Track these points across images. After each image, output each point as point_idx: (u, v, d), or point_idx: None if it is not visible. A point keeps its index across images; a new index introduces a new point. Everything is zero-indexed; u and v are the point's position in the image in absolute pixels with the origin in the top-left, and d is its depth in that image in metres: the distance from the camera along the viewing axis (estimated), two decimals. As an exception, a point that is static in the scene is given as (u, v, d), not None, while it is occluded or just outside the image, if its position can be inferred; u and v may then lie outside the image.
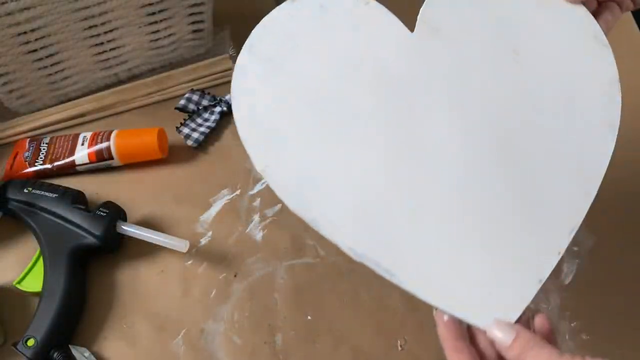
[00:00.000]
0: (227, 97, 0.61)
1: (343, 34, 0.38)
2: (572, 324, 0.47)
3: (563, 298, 0.48)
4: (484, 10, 0.39)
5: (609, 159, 0.35)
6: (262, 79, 0.37)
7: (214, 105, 0.61)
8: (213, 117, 0.60)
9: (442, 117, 0.36)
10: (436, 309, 0.32)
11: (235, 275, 0.50)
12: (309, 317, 0.48)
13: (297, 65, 0.37)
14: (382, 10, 0.38)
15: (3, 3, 0.50)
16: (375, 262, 0.33)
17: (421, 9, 0.38)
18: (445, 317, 0.32)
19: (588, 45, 0.38)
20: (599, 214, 0.52)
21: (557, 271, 0.50)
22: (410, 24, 0.38)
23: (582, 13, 0.38)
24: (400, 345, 0.46)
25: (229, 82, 0.64)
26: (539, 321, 0.32)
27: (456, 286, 0.33)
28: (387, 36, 0.38)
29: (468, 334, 0.32)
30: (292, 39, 0.38)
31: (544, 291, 0.48)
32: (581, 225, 0.52)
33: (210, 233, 0.53)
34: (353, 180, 0.35)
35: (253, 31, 0.38)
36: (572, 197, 0.35)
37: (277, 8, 0.38)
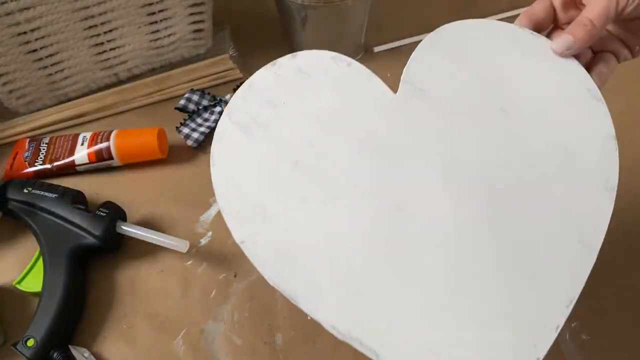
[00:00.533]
0: (227, 97, 0.61)
1: (325, 96, 0.36)
2: (573, 324, 0.47)
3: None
4: (469, 69, 0.37)
5: (608, 222, 0.33)
6: (241, 146, 0.35)
7: (214, 105, 0.61)
8: (213, 117, 0.60)
9: (430, 182, 0.34)
10: None
11: (235, 275, 0.50)
12: (309, 317, 0.48)
13: (278, 131, 0.36)
14: (365, 71, 0.37)
15: (3, 3, 0.50)
16: (359, 342, 0.31)
17: (404, 69, 0.37)
18: None
19: (580, 101, 0.35)
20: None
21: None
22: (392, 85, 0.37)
23: (574, 66, 0.36)
24: None
25: (229, 82, 0.65)
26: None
27: None
28: (371, 98, 0.36)
29: None
30: (273, 104, 0.36)
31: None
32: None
33: (210, 233, 0.53)
34: (336, 254, 0.33)
35: (233, 97, 0.37)
36: (570, 266, 0.32)
37: (258, 72, 0.37)
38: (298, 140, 0.35)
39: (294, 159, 0.35)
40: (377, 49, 0.68)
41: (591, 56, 0.38)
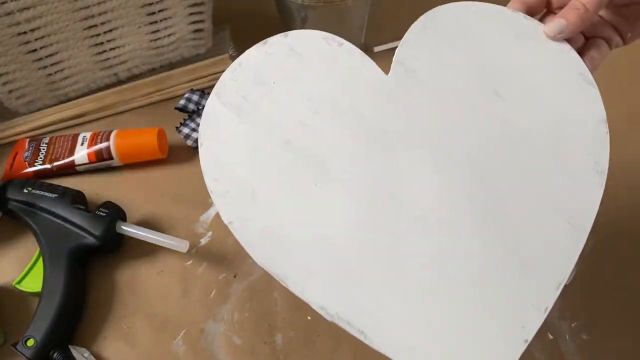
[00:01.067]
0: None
1: (316, 76, 0.36)
2: (573, 324, 0.47)
3: (563, 298, 0.48)
4: (461, 51, 0.36)
5: (597, 207, 0.33)
6: (230, 126, 0.35)
7: (214, 105, 0.61)
8: (213, 117, 0.60)
9: (420, 164, 0.34)
10: None
11: (235, 276, 0.50)
12: (309, 317, 0.48)
13: (268, 111, 0.35)
14: (356, 52, 0.37)
15: (3, 3, 0.50)
16: (347, 322, 0.31)
17: (397, 50, 0.36)
18: None
19: (572, 84, 0.35)
20: (599, 215, 0.52)
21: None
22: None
23: (566, 50, 0.36)
24: None
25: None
26: None
27: (434, 349, 0.30)
28: (362, 79, 0.36)
29: None
30: (263, 83, 0.36)
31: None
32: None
33: (210, 233, 0.53)
34: (325, 236, 0.32)
35: (222, 76, 0.36)
36: (559, 249, 0.32)
37: (248, 51, 0.37)
38: (288, 120, 0.35)
39: (284, 139, 0.34)
40: (377, 49, 0.68)
41: (583, 42, 0.38)
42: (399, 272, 0.32)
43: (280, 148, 0.34)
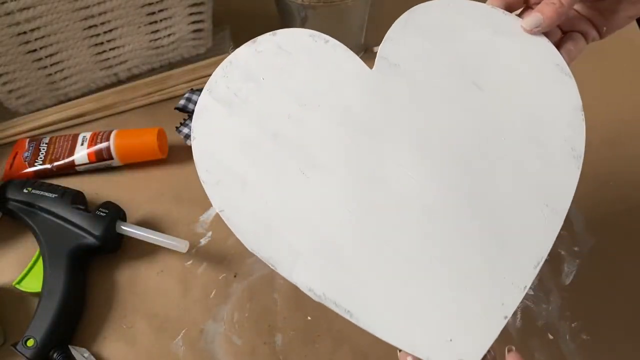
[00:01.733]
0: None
1: (304, 72, 0.38)
2: (573, 325, 0.47)
3: (563, 298, 0.48)
4: (442, 45, 0.38)
5: (574, 189, 0.34)
6: (222, 120, 0.37)
7: (214, 105, 0.61)
8: (213, 117, 0.60)
9: (405, 153, 0.35)
10: (400, 350, 0.32)
11: (235, 276, 0.50)
12: (309, 317, 0.48)
13: (257, 106, 0.37)
14: (342, 48, 0.38)
15: (3, 3, 0.50)
16: (334, 303, 0.32)
17: (380, 45, 0.38)
18: (409, 359, 0.31)
19: (549, 75, 0.37)
20: (599, 215, 0.53)
21: (557, 271, 0.50)
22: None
23: (543, 43, 0.38)
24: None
25: (229, 82, 0.65)
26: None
27: (418, 326, 0.32)
28: (348, 73, 0.38)
29: None
30: (252, 79, 0.38)
31: (544, 291, 0.49)
32: (582, 225, 0.52)
33: (210, 233, 0.53)
34: (313, 221, 0.34)
35: (213, 73, 0.38)
36: (537, 229, 0.34)
37: (239, 49, 0.39)
38: (277, 113, 0.37)
39: (273, 132, 0.36)
40: (377, 49, 0.67)
41: (560, 36, 0.40)
42: (383, 255, 0.33)
43: (269, 140, 0.36)
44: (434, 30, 0.38)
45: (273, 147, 0.36)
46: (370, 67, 0.38)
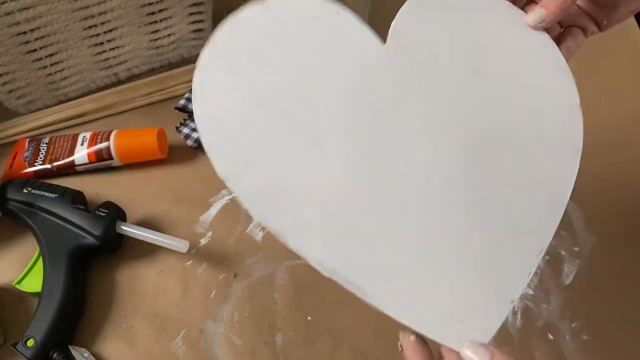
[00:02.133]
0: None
1: (313, 41, 0.37)
2: (573, 325, 0.47)
3: (564, 298, 0.48)
4: (453, 28, 0.38)
5: (574, 179, 0.35)
6: (225, 81, 0.35)
7: (214, 105, 0.61)
8: (213, 117, 0.60)
9: (413, 133, 0.35)
10: (404, 334, 0.32)
11: (235, 276, 0.50)
12: (309, 317, 0.48)
13: (264, 69, 0.35)
14: (353, 19, 0.37)
15: (3, 3, 0.50)
16: (345, 279, 0.31)
17: (393, 22, 0.38)
18: (412, 338, 0.32)
19: (549, 71, 0.38)
20: (600, 215, 0.53)
21: (557, 271, 0.50)
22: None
23: (544, 39, 0.38)
24: (401, 346, 0.46)
25: (229, 82, 0.65)
26: None
27: (427, 306, 0.32)
28: (358, 46, 0.37)
29: (437, 356, 0.32)
30: (259, 41, 0.36)
31: (544, 291, 0.48)
32: (582, 225, 0.52)
33: (210, 233, 0.53)
34: (321, 192, 0.33)
35: (219, 29, 0.36)
36: (539, 218, 0.35)
37: (246, 8, 0.36)
38: (283, 81, 0.35)
39: (278, 98, 0.35)
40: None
41: (559, 31, 0.40)
42: (394, 233, 0.33)
43: (274, 107, 0.34)
44: (443, 14, 0.38)
45: (280, 115, 0.34)
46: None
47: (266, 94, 0.35)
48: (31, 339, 0.44)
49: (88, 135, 0.57)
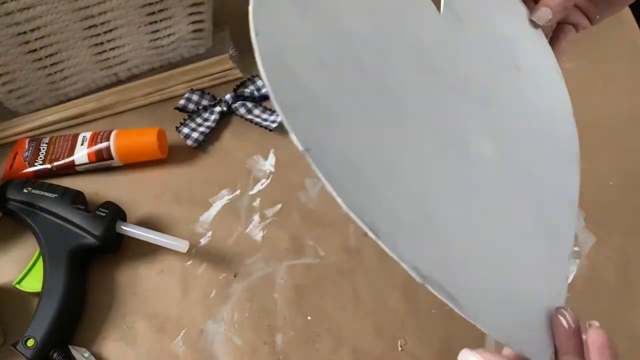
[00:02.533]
0: (227, 97, 0.61)
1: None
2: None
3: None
4: (492, 20, 0.38)
5: (578, 186, 0.37)
6: (293, 18, 0.27)
7: (214, 105, 0.61)
8: (213, 117, 0.60)
9: (478, 117, 0.34)
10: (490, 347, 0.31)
11: (235, 276, 0.50)
12: (309, 317, 0.48)
13: (335, 18, 0.28)
14: None
15: (3, 3, 0.50)
16: (439, 285, 0.25)
17: None
18: (472, 358, 0.28)
19: (545, 74, 0.38)
20: (599, 215, 0.52)
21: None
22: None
23: (541, 38, 0.39)
24: (401, 346, 0.46)
25: (229, 82, 0.65)
26: (594, 335, 0.30)
27: (520, 322, 0.29)
28: (422, 13, 0.34)
29: None
30: None
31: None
32: (582, 225, 0.52)
33: (210, 233, 0.53)
34: (409, 177, 0.27)
35: None
36: (571, 223, 0.36)
37: None
38: (357, 32, 0.29)
39: (355, 55, 0.28)
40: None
41: (552, 29, 0.41)
42: (482, 234, 0.30)
43: (352, 64, 0.28)
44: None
45: (358, 74, 0.28)
46: None
47: (340, 44, 0.28)
48: (31, 339, 0.44)
49: (88, 135, 0.57)
